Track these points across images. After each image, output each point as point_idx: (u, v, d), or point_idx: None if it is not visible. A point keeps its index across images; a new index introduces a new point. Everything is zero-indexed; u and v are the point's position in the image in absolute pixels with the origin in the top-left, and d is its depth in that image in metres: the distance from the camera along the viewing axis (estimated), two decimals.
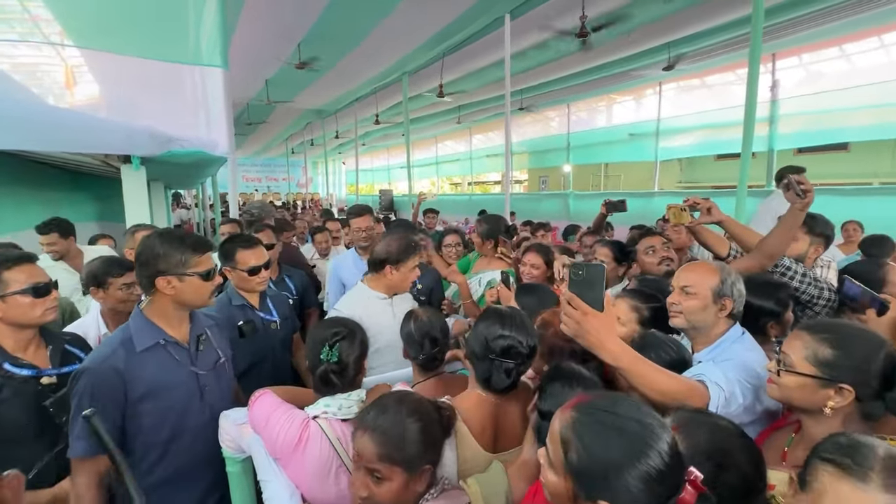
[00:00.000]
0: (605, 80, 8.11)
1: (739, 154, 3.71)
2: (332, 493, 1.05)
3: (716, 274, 1.17)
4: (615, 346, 0.90)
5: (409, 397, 0.92)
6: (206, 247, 1.25)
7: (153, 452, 1.20)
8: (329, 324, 1.23)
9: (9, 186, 4.58)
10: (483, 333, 1.07)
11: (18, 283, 1.25)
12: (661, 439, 0.63)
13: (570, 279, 0.90)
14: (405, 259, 1.69)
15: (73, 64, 2.97)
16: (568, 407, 0.70)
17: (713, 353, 1.15)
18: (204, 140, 3.00)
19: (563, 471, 0.66)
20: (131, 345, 1.17)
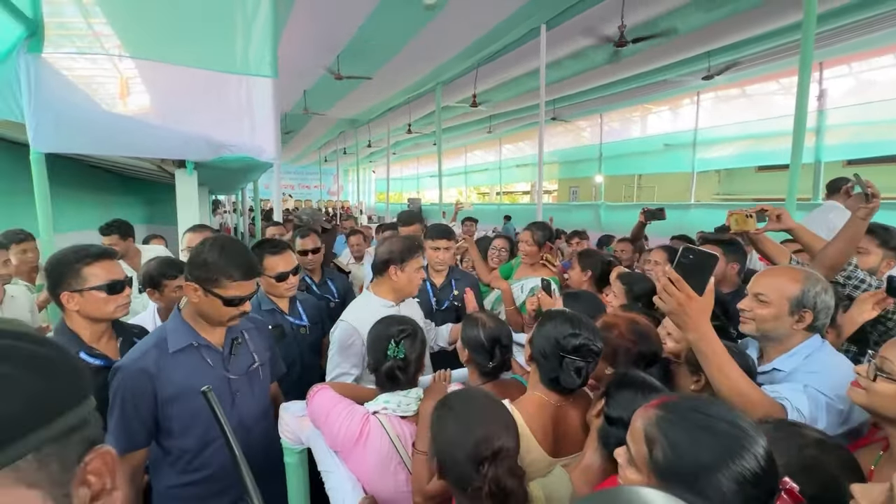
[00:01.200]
0: (641, 90, 7.99)
1: (782, 166, 3.58)
2: (390, 487, 1.06)
3: (797, 282, 1.08)
4: (710, 331, 0.91)
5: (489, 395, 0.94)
6: (250, 275, 1.20)
7: (185, 457, 1.20)
8: (392, 321, 1.23)
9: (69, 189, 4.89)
10: (552, 333, 1.06)
11: (96, 278, 1.27)
12: (756, 442, 0.61)
13: (679, 261, 0.92)
14: (409, 258, 1.62)
15: (128, 75, 3.14)
16: (651, 406, 0.69)
17: (792, 361, 1.08)
18: (251, 146, 3.12)
19: (647, 469, 0.65)
20: (165, 345, 1.17)
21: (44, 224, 2.68)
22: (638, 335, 1.13)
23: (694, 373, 1.10)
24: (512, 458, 0.83)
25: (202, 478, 1.20)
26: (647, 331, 1.15)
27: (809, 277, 1.09)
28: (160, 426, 1.16)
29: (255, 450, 1.26)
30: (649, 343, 1.13)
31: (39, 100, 2.49)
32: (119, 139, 2.77)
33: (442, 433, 0.87)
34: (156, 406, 1.14)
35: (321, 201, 20.06)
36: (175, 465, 1.20)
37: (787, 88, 7.60)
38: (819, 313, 1.07)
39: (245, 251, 1.23)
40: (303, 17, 4.90)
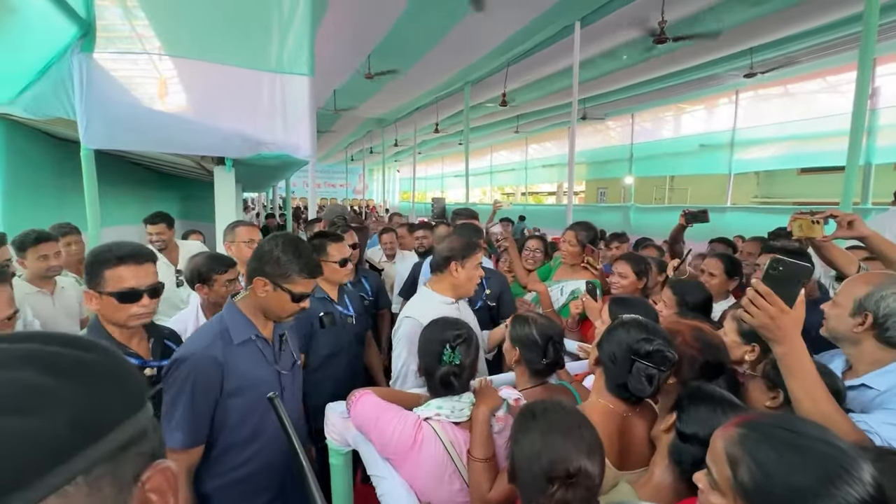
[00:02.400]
0: (675, 89, 7.74)
1: (826, 168, 3.38)
2: (445, 495, 1.03)
3: (867, 285, 1.04)
4: (801, 345, 0.87)
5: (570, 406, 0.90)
6: (315, 272, 1.23)
7: (232, 452, 1.20)
8: (446, 325, 1.20)
9: (111, 184, 5.09)
10: (624, 337, 1.02)
11: (114, 283, 1.19)
12: (860, 466, 0.55)
13: (767, 272, 0.88)
14: (469, 255, 1.64)
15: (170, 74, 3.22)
16: (732, 425, 0.64)
17: (889, 380, 1.00)
18: (288, 143, 3.16)
19: (732, 492, 0.60)
20: (228, 337, 1.18)
21: (92, 218, 2.77)
22: (704, 344, 1.06)
23: (772, 388, 1.03)
24: (589, 485, 0.78)
25: (249, 473, 1.20)
26: (714, 339, 1.08)
27: (886, 281, 1.03)
28: (215, 420, 1.16)
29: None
30: (716, 352, 1.06)
31: (90, 98, 2.58)
32: (163, 136, 2.85)
33: (523, 440, 0.84)
34: (219, 397, 1.15)
35: (346, 200, 20.31)
36: (218, 462, 1.19)
37: (833, 86, 7.21)
38: (886, 320, 1.00)
39: (311, 250, 1.26)
40: (337, 16, 4.95)
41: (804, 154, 7.62)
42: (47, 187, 3.50)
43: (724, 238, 3.10)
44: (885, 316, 1.01)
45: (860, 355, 1.05)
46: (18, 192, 3.16)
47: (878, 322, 1.01)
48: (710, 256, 2.01)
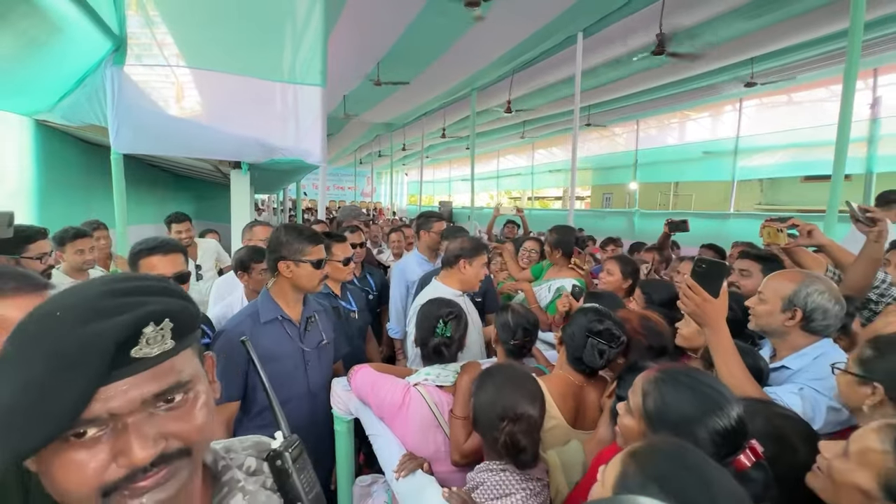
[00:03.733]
0: (679, 97, 7.87)
1: (829, 176, 3.50)
2: (430, 448, 1.21)
3: (793, 283, 1.18)
4: (723, 328, 1.06)
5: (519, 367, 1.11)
6: (319, 240, 1.46)
7: (265, 413, 1.38)
8: (440, 303, 1.40)
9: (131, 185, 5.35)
10: (583, 319, 1.23)
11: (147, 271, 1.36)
12: (731, 405, 0.74)
13: (694, 270, 1.08)
14: (477, 254, 1.86)
15: (191, 85, 3.45)
16: (652, 370, 0.84)
17: (801, 361, 1.16)
18: (300, 149, 3.37)
19: (640, 415, 0.79)
20: (257, 317, 1.40)
21: (120, 217, 3.00)
22: (648, 330, 1.24)
23: (709, 367, 1.20)
24: (531, 423, 0.98)
25: None
26: (658, 326, 1.25)
27: (807, 279, 1.18)
28: (247, 385, 1.38)
29: (319, 413, 1.49)
30: (659, 337, 1.23)
31: (121, 107, 2.81)
32: (185, 141, 3.08)
33: (480, 394, 1.04)
34: (248, 366, 1.35)
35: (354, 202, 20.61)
36: (254, 420, 1.41)
37: (837, 95, 7.28)
38: (812, 313, 1.16)
39: (306, 226, 1.51)
40: (348, 25, 5.17)
41: (807, 162, 7.70)
42: (77, 187, 3.74)
43: (713, 245, 3.25)
44: (811, 310, 1.17)
45: (784, 343, 1.21)
46: (52, 191, 3.40)
47: (806, 315, 1.17)
48: (685, 260, 2.16)
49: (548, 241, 2.40)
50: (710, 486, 0.51)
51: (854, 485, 0.70)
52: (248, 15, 3.45)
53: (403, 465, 1.12)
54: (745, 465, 0.69)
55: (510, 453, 0.95)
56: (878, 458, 0.68)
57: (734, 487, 0.53)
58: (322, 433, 1.51)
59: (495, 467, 0.98)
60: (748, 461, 0.70)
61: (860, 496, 0.70)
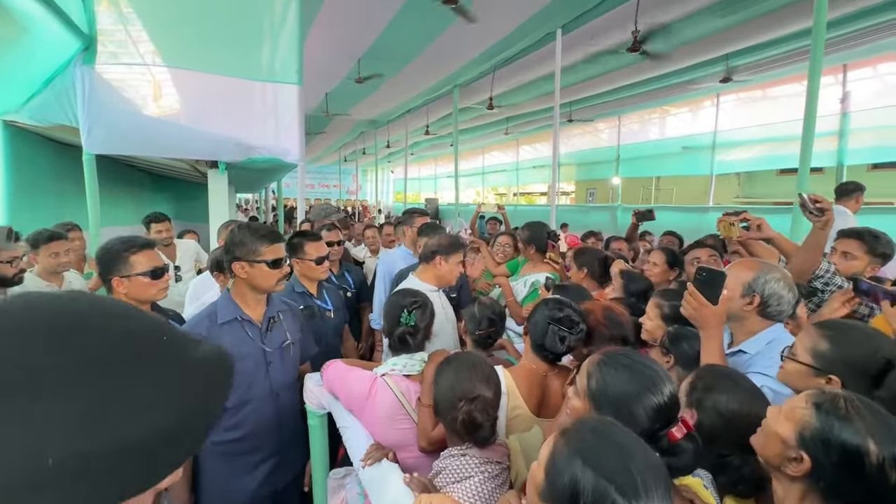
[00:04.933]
0: (659, 92, 8.00)
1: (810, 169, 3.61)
2: (397, 436, 1.25)
3: (751, 270, 1.24)
4: (718, 334, 1.15)
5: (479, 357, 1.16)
6: (276, 238, 1.42)
7: (226, 415, 1.37)
8: (405, 293, 1.43)
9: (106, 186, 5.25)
10: (544, 308, 1.29)
11: (141, 265, 1.45)
12: (665, 384, 0.81)
13: (695, 277, 1.17)
14: (453, 252, 1.90)
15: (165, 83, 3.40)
16: (597, 353, 0.91)
17: (756, 345, 1.23)
18: (278, 148, 3.36)
19: (585, 395, 0.87)
20: (215, 317, 1.38)
21: (93, 219, 2.95)
22: (610, 321, 1.29)
23: (665, 354, 1.26)
24: (487, 403, 1.04)
25: (238, 436, 1.39)
26: (620, 317, 1.31)
27: (764, 268, 1.25)
28: None
29: (283, 412, 1.49)
30: (620, 328, 1.29)
31: (92, 107, 2.76)
32: (159, 141, 3.05)
33: (440, 380, 1.10)
34: None
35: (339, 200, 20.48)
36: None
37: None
38: (769, 299, 1.22)
39: (263, 224, 1.47)
40: (327, 22, 5.14)
41: (782, 155, 7.91)
42: (48, 189, 3.67)
43: (672, 231, 3.40)
44: (768, 296, 1.23)
45: (741, 328, 1.28)
46: (21, 193, 3.33)
47: (763, 301, 1.23)
48: (655, 250, 2.23)
49: (520, 238, 2.45)
50: (627, 458, 0.56)
51: (777, 434, 0.79)
52: (224, 12, 3.41)
53: (370, 454, 1.15)
54: (676, 436, 0.76)
55: (468, 430, 1.01)
56: (799, 413, 0.77)
57: (651, 458, 0.59)
58: (289, 433, 1.51)
59: (456, 452, 1.02)
60: (680, 433, 0.76)
61: (780, 445, 0.79)
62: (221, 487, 1.39)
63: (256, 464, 1.43)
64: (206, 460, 1.39)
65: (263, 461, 1.44)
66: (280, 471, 1.45)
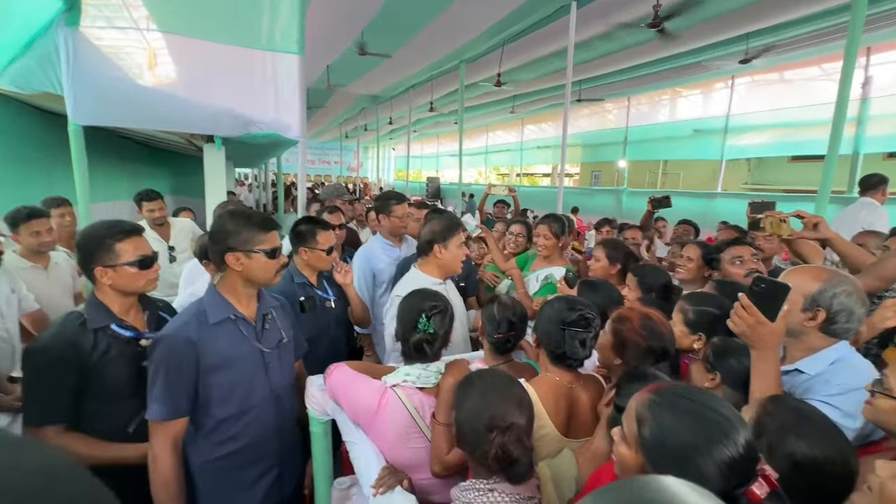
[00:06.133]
0: (672, 73, 7.71)
1: (817, 156, 3.45)
2: (410, 456, 1.12)
3: (818, 281, 1.08)
4: (774, 356, 1.01)
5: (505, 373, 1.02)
6: (272, 226, 1.28)
7: (224, 425, 1.25)
8: (425, 296, 1.27)
9: (100, 160, 5.05)
10: (551, 312, 1.15)
11: (128, 254, 1.31)
12: (738, 431, 0.66)
13: (752, 289, 1.02)
14: (450, 236, 1.73)
15: (159, 50, 3.18)
16: (646, 391, 0.75)
17: (817, 366, 1.08)
18: (278, 123, 3.17)
19: (636, 445, 0.72)
20: (204, 317, 1.22)
21: (82, 194, 2.79)
22: (649, 331, 1.16)
23: (710, 371, 1.13)
24: (521, 432, 0.90)
25: (238, 448, 1.26)
26: (660, 327, 1.17)
27: (834, 278, 1.08)
28: (199, 395, 1.21)
29: (285, 418, 1.35)
30: (660, 339, 1.15)
31: (77, 73, 2.56)
32: (152, 113, 2.86)
33: (463, 404, 0.95)
34: (197, 374, 1.19)
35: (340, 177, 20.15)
36: (210, 437, 1.25)
37: (829, 74, 7.19)
38: (836, 315, 1.06)
39: (255, 210, 1.32)
40: None
41: (795, 142, 7.69)
42: (35, 161, 3.49)
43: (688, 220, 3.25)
44: (836, 312, 1.07)
45: (799, 344, 1.12)
46: (5, 165, 3.16)
47: (829, 317, 1.07)
48: (690, 244, 2.06)
49: (551, 232, 2.24)
50: None
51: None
52: None
53: (382, 480, 1.03)
54: (758, 496, 0.63)
55: (503, 467, 0.88)
56: None
57: None
58: (290, 439, 1.39)
59: (482, 486, 0.90)
60: (762, 491, 0.63)
61: None
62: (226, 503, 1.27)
63: (258, 477, 1.31)
64: (202, 480, 1.26)
65: (265, 473, 1.32)
66: (282, 481, 1.33)
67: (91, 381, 1.25)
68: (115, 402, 1.20)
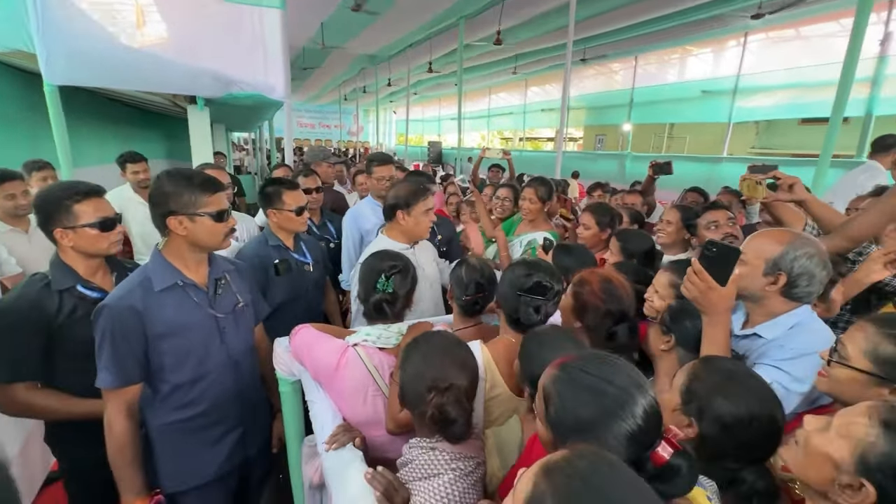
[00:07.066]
0: (682, 29, 7.34)
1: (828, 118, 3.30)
2: (368, 413, 1.14)
3: (779, 244, 1.04)
4: (725, 321, 1.01)
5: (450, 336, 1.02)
6: (217, 187, 1.22)
7: (180, 392, 1.23)
8: (385, 256, 1.26)
9: (90, 122, 4.96)
10: (510, 276, 1.15)
11: (87, 215, 1.27)
12: (637, 402, 0.66)
13: (703, 253, 1.00)
14: (414, 202, 1.67)
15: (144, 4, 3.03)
16: (554, 364, 0.75)
17: (775, 330, 1.06)
18: (262, 83, 3.07)
19: (545, 422, 0.73)
20: (150, 284, 1.17)
21: (63, 157, 2.75)
22: (608, 294, 1.14)
23: (665, 333, 1.13)
24: (461, 393, 0.91)
25: (197, 413, 1.26)
26: (619, 290, 1.16)
27: (796, 241, 1.04)
28: (151, 362, 1.19)
29: (245, 382, 1.35)
30: (618, 302, 1.14)
31: (48, 30, 2.47)
32: (128, 72, 2.77)
33: (407, 366, 0.96)
34: (146, 342, 1.16)
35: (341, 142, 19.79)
36: (167, 401, 1.23)
37: (847, 30, 6.82)
38: (797, 279, 1.03)
39: (197, 171, 1.25)
40: None
41: (807, 103, 7.38)
42: (19, 122, 3.43)
43: (697, 187, 3.12)
44: (797, 275, 1.03)
45: (760, 308, 1.09)
46: None
47: (790, 281, 1.04)
48: (669, 207, 2.01)
49: (538, 196, 2.19)
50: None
51: (827, 455, 0.67)
52: None
53: (336, 436, 1.06)
54: (664, 457, 0.64)
55: (440, 426, 0.89)
56: (860, 430, 0.65)
57: None
58: (253, 401, 1.40)
59: (425, 444, 0.92)
60: (666, 453, 0.64)
61: (829, 468, 0.67)
62: (185, 464, 1.28)
63: (220, 436, 1.31)
64: (162, 440, 1.25)
65: (228, 432, 1.33)
66: (247, 440, 1.35)
67: (60, 341, 1.27)
68: (87, 361, 1.20)
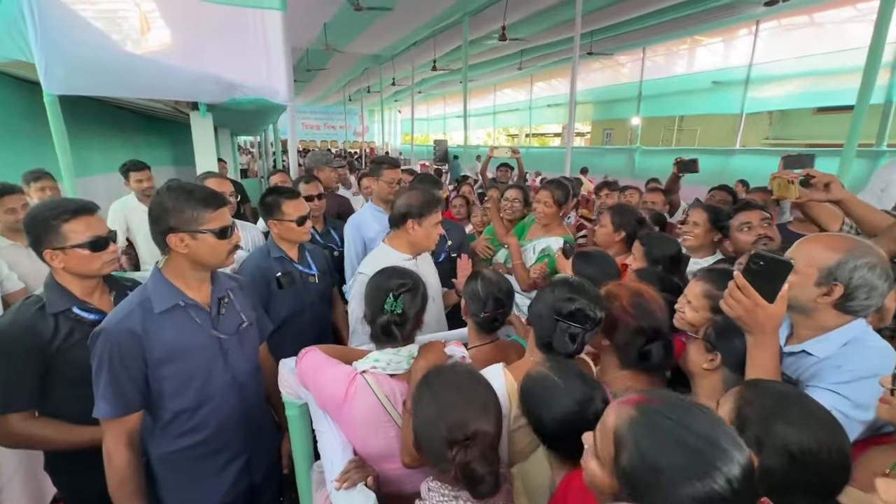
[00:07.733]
0: (691, 19, 7.16)
1: (845, 107, 3.17)
2: (381, 445, 1.06)
3: (835, 251, 0.92)
4: (773, 341, 0.89)
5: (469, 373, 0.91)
6: (220, 202, 1.14)
7: (182, 418, 1.17)
8: (392, 274, 1.17)
9: (97, 130, 4.94)
10: (550, 297, 1.03)
11: (77, 235, 1.20)
12: (733, 462, 0.55)
13: (748, 266, 0.88)
14: (427, 213, 1.59)
15: (147, 9, 2.99)
16: (629, 403, 0.63)
17: (828, 348, 0.95)
18: (265, 87, 3.00)
19: (611, 469, 0.62)
20: (149, 305, 1.11)
21: (65, 168, 2.70)
22: (639, 309, 1.05)
23: (710, 351, 1.01)
24: (486, 443, 0.81)
25: (200, 440, 1.20)
26: (650, 305, 1.06)
27: (855, 248, 0.92)
28: (151, 389, 1.12)
29: (250, 403, 1.28)
30: (650, 318, 1.05)
31: (47, 39, 2.42)
32: (129, 80, 2.71)
33: (420, 410, 0.86)
34: (146, 367, 1.10)
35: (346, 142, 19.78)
36: (168, 429, 1.17)
37: (865, 15, 6.60)
38: (856, 291, 0.91)
39: (200, 186, 1.17)
40: None
41: (822, 92, 7.17)
42: (23, 133, 3.40)
43: (725, 185, 2.96)
44: (855, 287, 0.92)
45: (809, 322, 0.98)
46: None
47: (847, 293, 0.92)
48: (695, 207, 1.90)
49: (554, 199, 2.08)
50: None
51: None
52: None
53: (347, 474, 0.97)
54: None
55: (466, 484, 0.79)
56: None
57: None
58: (258, 422, 1.32)
59: (448, 493, 0.82)
60: None
61: None
62: (189, 495, 1.20)
63: (225, 464, 1.24)
64: (164, 470, 1.18)
65: (233, 460, 1.25)
66: (252, 466, 1.28)
67: (57, 367, 1.21)
68: (86, 386, 1.13)
